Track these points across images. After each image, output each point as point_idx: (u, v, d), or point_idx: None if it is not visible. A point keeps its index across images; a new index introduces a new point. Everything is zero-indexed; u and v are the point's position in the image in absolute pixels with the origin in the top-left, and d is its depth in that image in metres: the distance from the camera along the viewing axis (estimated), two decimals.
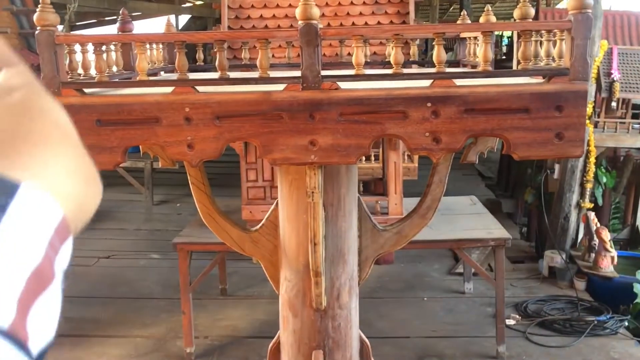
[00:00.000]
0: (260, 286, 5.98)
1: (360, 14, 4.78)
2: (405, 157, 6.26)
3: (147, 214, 9.00)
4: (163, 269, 6.65)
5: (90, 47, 2.32)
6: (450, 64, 4.14)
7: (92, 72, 2.33)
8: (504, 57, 11.48)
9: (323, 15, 4.76)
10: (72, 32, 9.65)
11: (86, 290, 6.11)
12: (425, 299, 5.87)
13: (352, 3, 4.76)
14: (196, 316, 5.28)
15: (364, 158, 5.71)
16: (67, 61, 2.30)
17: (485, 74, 2.22)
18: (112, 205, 9.22)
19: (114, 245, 7.51)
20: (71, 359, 4.78)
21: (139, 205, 9.26)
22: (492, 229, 4.90)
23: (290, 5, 4.66)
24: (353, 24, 4.72)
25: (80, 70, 2.32)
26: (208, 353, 4.91)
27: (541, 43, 2.31)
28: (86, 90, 2.26)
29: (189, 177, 2.85)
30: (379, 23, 4.70)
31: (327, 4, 4.78)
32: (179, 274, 4.72)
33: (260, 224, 2.96)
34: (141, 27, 14.31)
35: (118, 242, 7.63)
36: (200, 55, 3.80)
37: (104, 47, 2.39)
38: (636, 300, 5.52)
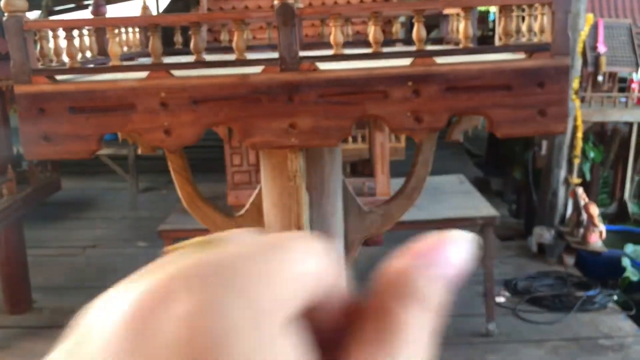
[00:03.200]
0: None
1: None
2: (392, 138, 6.22)
3: (133, 201, 8.92)
4: (151, 256, 6.47)
5: (61, 32, 2.25)
6: (434, 41, 4.09)
7: (65, 58, 2.26)
8: (490, 34, 11.41)
9: None
10: (49, 18, 9.47)
11: (73, 280, 6.08)
12: None
13: None
14: None
15: (350, 139, 5.68)
16: (38, 47, 2.23)
17: (466, 51, 2.18)
18: (96, 194, 9.15)
19: (99, 234, 7.45)
20: None
21: (124, 193, 9.17)
22: (480, 207, 4.90)
23: None
24: (335, 2, 4.64)
25: (52, 57, 2.26)
26: None
27: (523, 18, 2.27)
28: (58, 77, 2.19)
29: (169, 164, 2.80)
30: (361, 2, 4.62)
31: None
32: None
33: (244, 209, 2.91)
34: (121, 10, 14.08)
35: (104, 231, 7.57)
36: (178, 38, 3.72)
37: (75, 32, 2.32)
38: (625, 274, 5.56)
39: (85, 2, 13.64)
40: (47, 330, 5.06)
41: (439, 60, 2.19)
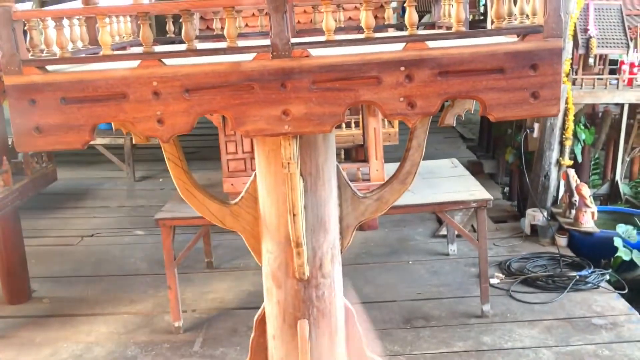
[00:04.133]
0: (246, 258, 5.98)
1: None
2: (386, 123, 6.23)
3: (130, 190, 8.92)
4: (148, 244, 6.63)
5: (51, 22, 2.23)
6: (426, 26, 4.08)
7: (56, 48, 2.25)
8: (481, 18, 11.39)
9: None
10: (43, 9, 9.36)
11: (71, 269, 6.09)
12: (410, 262, 5.92)
13: None
14: (183, 290, 5.29)
15: (344, 125, 5.67)
16: (28, 38, 2.22)
17: (458, 35, 2.18)
18: (94, 183, 9.14)
19: (97, 223, 7.46)
20: (59, 338, 4.78)
21: (121, 182, 9.18)
22: (473, 190, 4.92)
23: None
24: None
25: (42, 47, 2.25)
26: (196, 326, 4.93)
27: (515, 1, 2.27)
28: (49, 67, 2.18)
29: (164, 153, 2.80)
30: None
31: None
32: (163, 250, 4.70)
33: (239, 197, 2.92)
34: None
35: (102, 220, 7.58)
36: (170, 27, 3.71)
37: (66, 22, 2.31)
38: (617, 254, 5.62)
39: None
40: (46, 320, 5.08)
41: (432, 44, 2.19)
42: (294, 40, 2.18)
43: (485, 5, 12.32)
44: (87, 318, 5.11)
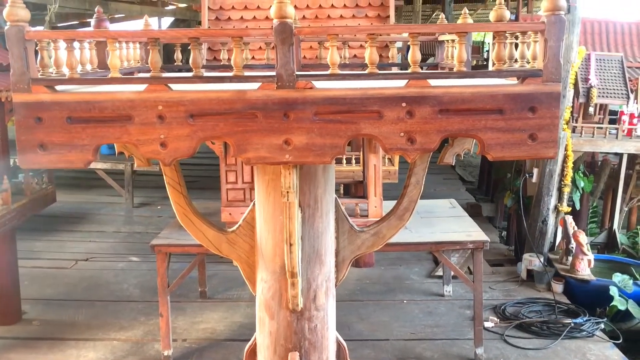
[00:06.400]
0: (240, 289, 5.95)
1: (341, 16, 4.79)
2: (386, 161, 6.28)
3: (127, 216, 8.92)
4: (142, 271, 6.59)
5: (62, 43, 2.29)
6: (429, 67, 4.17)
7: (65, 69, 2.30)
8: (484, 63, 11.58)
9: (304, 17, 4.77)
10: (55, 30, 9.52)
11: (63, 292, 6.04)
12: (405, 301, 5.87)
13: (332, 6, 4.78)
14: (174, 319, 5.23)
15: (344, 161, 5.72)
16: (39, 58, 2.27)
17: (460, 75, 2.23)
18: (91, 208, 9.14)
19: (93, 247, 7.43)
20: None
21: (119, 207, 9.18)
22: (470, 231, 4.92)
23: (271, 7, 4.65)
24: (334, 26, 4.73)
25: (52, 67, 2.29)
26: (186, 356, 4.86)
27: (516, 45, 2.33)
28: (58, 87, 2.22)
29: (164, 178, 2.82)
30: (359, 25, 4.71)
31: (307, 6, 4.79)
32: (157, 277, 4.67)
33: (237, 225, 2.93)
34: (122, 28, 14.19)
35: (97, 245, 7.55)
36: (178, 55, 3.78)
37: (76, 44, 2.36)
38: (612, 303, 5.58)
39: (89, 20, 13.78)
40: (35, 342, 5.02)
41: (433, 83, 2.24)
42: (298, 72, 2.23)
43: (488, 51, 12.54)
44: (76, 342, 5.04)
